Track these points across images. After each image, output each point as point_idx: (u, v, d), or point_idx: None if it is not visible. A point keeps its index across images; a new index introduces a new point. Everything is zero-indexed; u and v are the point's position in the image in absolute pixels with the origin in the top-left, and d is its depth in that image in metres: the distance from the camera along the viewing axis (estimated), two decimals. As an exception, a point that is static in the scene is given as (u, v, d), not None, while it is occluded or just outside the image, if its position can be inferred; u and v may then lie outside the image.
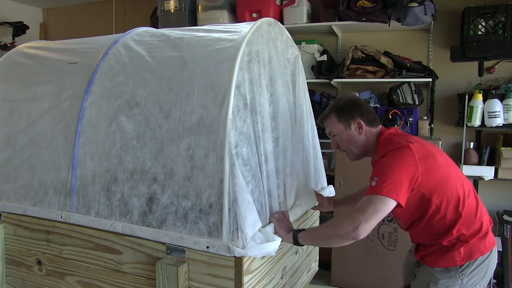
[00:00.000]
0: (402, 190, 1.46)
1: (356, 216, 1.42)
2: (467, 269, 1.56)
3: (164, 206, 1.45)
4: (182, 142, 1.44)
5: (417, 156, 1.51)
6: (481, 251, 1.56)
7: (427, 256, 1.63)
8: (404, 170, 1.48)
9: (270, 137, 1.59)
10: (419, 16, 3.08)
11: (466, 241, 1.55)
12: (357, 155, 1.74)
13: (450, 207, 1.54)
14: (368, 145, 1.70)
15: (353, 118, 1.67)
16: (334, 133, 1.72)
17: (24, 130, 1.82)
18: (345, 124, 1.68)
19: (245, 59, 1.46)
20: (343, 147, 1.73)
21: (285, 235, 1.52)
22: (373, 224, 1.42)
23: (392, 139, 1.61)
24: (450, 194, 1.55)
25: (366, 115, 1.69)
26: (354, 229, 1.40)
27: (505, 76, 3.28)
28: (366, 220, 1.40)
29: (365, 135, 1.69)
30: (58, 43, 2.07)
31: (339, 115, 1.69)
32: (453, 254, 1.56)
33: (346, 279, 3.18)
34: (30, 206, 1.74)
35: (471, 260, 1.55)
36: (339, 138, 1.71)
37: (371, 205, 1.43)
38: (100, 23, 4.88)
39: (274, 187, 1.59)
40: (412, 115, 3.23)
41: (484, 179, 3.11)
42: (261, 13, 3.41)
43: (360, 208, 1.45)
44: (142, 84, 1.59)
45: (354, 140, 1.69)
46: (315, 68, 3.52)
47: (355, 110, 1.68)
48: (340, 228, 1.44)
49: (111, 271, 1.57)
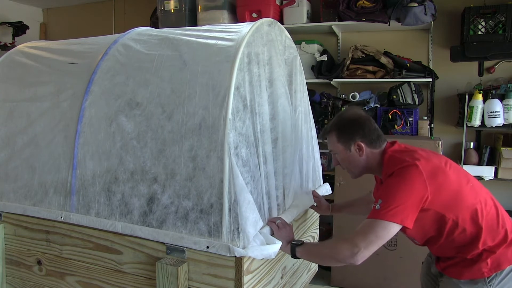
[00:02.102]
0: (408, 212, 1.41)
1: (356, 241, 1.39)
2: (495, 280, 1.48)
3: (164, 206, 1.45)
4: (185, 143, 1.44)
5: (425, 174, 1.44)
6: (509, 260, 1.49)
7: (451, 267, 1.56)
8: (411, 191, 1.42)
9: (269, 138, 1.59)
10: (419, 16, 3.08)
11: (493, 252, 1.48)
12: (358, 175, 1.69)
13: (467, 221, 1.47)
14: (370, 165, 1.64)
15: (353, 140, 1.61)
16: (334, 152, 1.68)
17: (24, 130, 1.82)
18: (344, 146, 1.63)
19: (245, 61, 1.46)
20: (343, 166, 1.69)
21: (284, 245, 1.50)
22: (372, 251, 1.39)
23: (397, 158, 1.54)
24: (466, 207, 1.48)
25: (368, 135, 1.61)
26: (352, 255, 1.38)
27: (505, 76, 3.28)
28: (366, 247, 1.38)
29: (367, 157, 1.62)
30: (58, 43, 2.06)
31: (339, 136, 1.63)
32: (480, 266, 1.48)
33: (346, 279, 3.18)
34: (30, 206, 1.74)
35: (499, 270, 1.48)
36: (339, 157, 1.67)
37: (373, 231, 1.40)
38: (100, 23, 4.88)
39: (273, 188, 1.59)
40: (412, 115, 3.23)
41: (484, 179, 3.11)
42: (261, 13, 3.41)
43: (361, 233, 1.41)
44: (143, 85, 1.59)
45: (354, 161, 1.64)
46: (315, 68, 3.52)
47: (356, 131, 1.61)
48: (338, 252, 1.42)
49: (111, 271, 1.57)
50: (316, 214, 2.13)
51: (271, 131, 1.64)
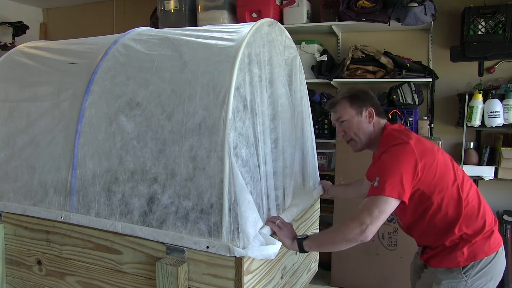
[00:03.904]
0: (404, 187, 1.47)
1: (362, 218, 1.44)
2: (472, 270, 1.54)
3: (164, 206, 1.45)
4: (185, 143, 1.44)
5: (416, 152, 1.52)
6: (485, 251, 1.55)
7: (432, 257, 1.62)
8: (404, 167, 1.49)
9: (269, 139, 1.59)
10: (419, 16, 3.08)
11: (469, 241, 1.54)
12: (363, 145, 1.74)
13: (451, 205, 1.55)
14: (373, 136, 1.71)
15: (365, 106, 1.70)
16: (344, 118, 1.72)
17: (24, 130, 1.82)
18: (357, 110, 1.70)
19: (245, 61, 1.46)
20: (350, 134, 1.73)
21: (289, 243, 1.53)
22: (378, 225, 1.44)
23: (394, 135, 1.63)
24: (451, 192, 1.55)
25: (377, 106, 1.74)
26: (361, 232, 1.42)
27: (505, 76, 3.28)
28: (372, 222, 1.43)
29: (373, 125, 1.71)
30: (58, 43, 2.06)
31: (351, 101, 1.71)
32: (456, 255, 1.55)
33: (346, 279, 3.18)
34: (30, 206, 1.73)
35: (475, 260, 1.54)
36: (347, 124, 1.72)
37: (376, 206, 1.45)
38: (100, 23, 4.88)
39: (272, 189, 1.59)
40: (412, 115, 3.23)
41: (484, 179, 3.12)
42: (261, 13, 3.41)
43: (365, 210, 1.46)
44: (143, 85, 1.59)
45: (363, 127, 1.70)
46: (315, 68, 3.52)
47: (367, 99, 1.72)
48: (348, 232, 1.45)
49: (111, 271, 1.57)
50: (317, 213, 2.14)
51: (271, 131, 1.64)
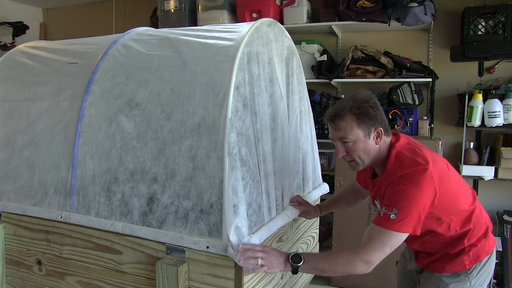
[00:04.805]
0: (420, 220, 1.38)
1: (371, 256, 1.35)
2: (475, 271, 1.53)
3: (164, 206, 1.45)
4: (184, 142, 1.44)
5: (435, 178, 1.38)
6: (486, 251, 1.55)
7: (434, 262, 1.57)
8: (425, 200, 1.37)
9: (268, 138, 1.59)
10: (419, 16, 3.08)
11: (475, 245, 1.53)
12: (365, 166, 1.52)
13: (459, 224, 1.50)
14: (379, 156, 1.50)
15: (374, 126, 1.44)
16: (349, 140, 1.44)
17: (24, 130, 1.82)
18: (365, 132, 1.44)
19: (244, 60, 1.46)
20: (353, 156, 1.48)
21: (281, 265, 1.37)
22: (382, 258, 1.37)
23: (406, 156, 1.44)
24: (460, 211, 1.50)
25: (385, 121, 1.48)
26: (367, 268, 1.37)
27: (505, 76, 3.28)
28: (380, 258, 1.36)
29: (379, 146, 1.48)
30: (58, 43, 2.06)
31: (359, 120, 1.43)
32: (462, 259, 1.52)
33: (346, 279, 3.18)
34: (30, 206, 1.74)
35: (479, 262, 1.53)
36: (352, 146, 1.45)
37: (387, 244, 1.36)
38: (100, 23, 4.88)
39: (273, 188, 1.59)
40: (412, 115, 3.24)
41: (484, 179, 3.11)
42: (261, 13, 3.41)
43: (377, 248, 1.36)
44: (142, 85, 1.59)
45: (369, 150, 1.46)
46: (315, 68, 3.52)
47: (376, 116, 1.44)
48: (353, 268, 1.37)
49: (111, 271, 1.57)
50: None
51: (271, 131, 1.64)
